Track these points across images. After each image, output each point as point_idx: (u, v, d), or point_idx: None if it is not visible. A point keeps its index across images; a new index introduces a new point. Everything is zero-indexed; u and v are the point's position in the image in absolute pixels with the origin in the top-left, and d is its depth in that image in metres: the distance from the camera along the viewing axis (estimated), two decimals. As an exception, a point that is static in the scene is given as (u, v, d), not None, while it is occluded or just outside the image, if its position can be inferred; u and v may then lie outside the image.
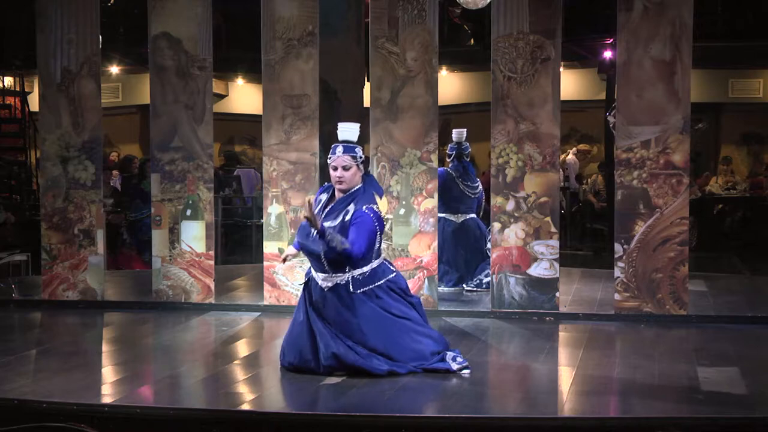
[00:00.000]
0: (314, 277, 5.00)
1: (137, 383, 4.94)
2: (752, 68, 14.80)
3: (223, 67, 14.20)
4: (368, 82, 7.26)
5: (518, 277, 6.64)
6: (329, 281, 4.93)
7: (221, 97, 15.86)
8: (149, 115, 7.17)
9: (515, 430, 4.18)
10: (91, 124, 7.17)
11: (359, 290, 4.90)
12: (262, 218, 7.14)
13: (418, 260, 6.75)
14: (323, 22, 7.01)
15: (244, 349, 5.84)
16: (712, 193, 13.15)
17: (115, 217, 10.41)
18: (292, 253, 5.19)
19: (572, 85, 14.42)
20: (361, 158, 4.95)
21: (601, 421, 4.22)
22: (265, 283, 6.98)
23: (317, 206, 5.02)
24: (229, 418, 4.31)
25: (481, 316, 6.68)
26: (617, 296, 6.52)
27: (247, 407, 4.47)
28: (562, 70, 6.89)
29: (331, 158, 4.96)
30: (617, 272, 6.50)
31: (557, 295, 6.62)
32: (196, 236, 7.07)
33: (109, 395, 4.62)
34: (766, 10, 13.03)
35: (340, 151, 4.93)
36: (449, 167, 7.95)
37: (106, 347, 6.03)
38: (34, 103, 10.12)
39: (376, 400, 4.48)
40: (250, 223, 11.33)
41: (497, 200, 6.67)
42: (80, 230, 7.17)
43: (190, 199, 7.07)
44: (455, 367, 4.92)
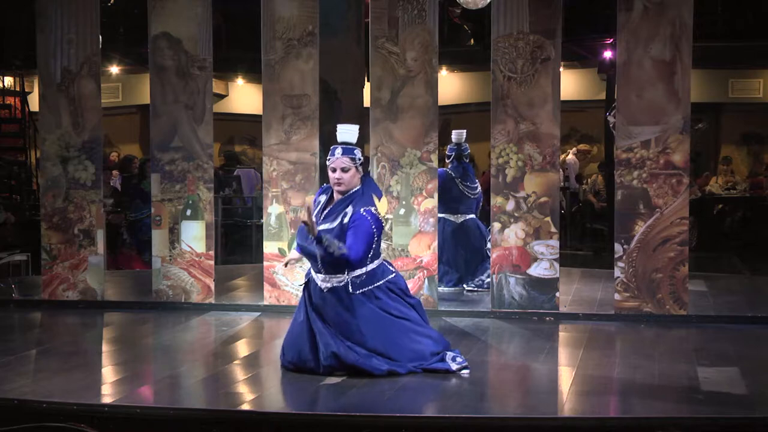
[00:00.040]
0: (314, 278, 5.00)
1: (137, 383, 4.94)
2: (752, 68, 14.79)
3: (223, 67, 14.19)
4: (368, 82, 7.25)
5: (518, 277, 6.63)
6: (328, 282, 4.92)
7: (221, 97, 15.85)
8: (149, 115, 7.17)
9: (515, 430, 4.18)
10: (91, 124, 7.17)
11: (358, 291, 4.90)
12: (262, 218, 7.14)
13: (418, 260, 6.75)
14: (323, 22, 7.01)
15: (244, 349, 5.84)
16: (712, 193, 13.15)
17: (115, 217, 10.41)
18: (294, 257, 5.17)
19: (572, 85, 14.41)
20: (359, 160, 4.94)
21: (601, 421, 4.22)
22: (265, 283, 6.98)
23: (316, 207, 5.02)
24: (229, 418, 4.31)
25: (481, 316, 6.68)
26: (617, 296, 6.52)
27: (247, 407, 4.47)
28: (562, 70, 6.89)
29: (329, 160, 4.95)
30: (617, 272, 6.50)
31: (557, 295, 6.62)
32: (196, 236, 7.07)
33: (109, 395, 4.62)
34: (766, 10, 13.02)
35: (338, 152, 4.92)
36: (449, 168, 7.95)
37: (106, 347, 6.03)
38: (34, 103, 10.11)
39: (376, 400, 4.48)
40: (250, 223, 11.32)
41: (497, 200, 6.66)
42: (80, 230, 7.17)
43: (190, 199, 7.07)
44: (455, 367, 4.92)
